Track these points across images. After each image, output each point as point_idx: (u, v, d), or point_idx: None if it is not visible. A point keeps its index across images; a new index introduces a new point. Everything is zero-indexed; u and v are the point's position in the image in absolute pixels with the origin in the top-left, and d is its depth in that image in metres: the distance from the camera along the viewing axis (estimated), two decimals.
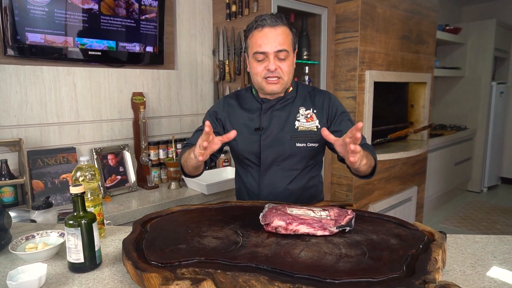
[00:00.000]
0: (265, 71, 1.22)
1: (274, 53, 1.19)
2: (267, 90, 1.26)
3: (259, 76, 1.24)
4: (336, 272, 0.76)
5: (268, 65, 1.20)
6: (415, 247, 0.87)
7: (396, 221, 1.03)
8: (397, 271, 0.76)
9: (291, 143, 1.28)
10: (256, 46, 1.21)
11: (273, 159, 1.30)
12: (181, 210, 1.15)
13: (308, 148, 1.29)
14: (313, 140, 1.29)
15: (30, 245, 1.00)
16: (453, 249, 1.02)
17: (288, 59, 1.23)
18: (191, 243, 0.90)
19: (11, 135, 1.73)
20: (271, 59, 1.20)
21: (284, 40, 1.20)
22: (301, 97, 1.33)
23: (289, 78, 1.26)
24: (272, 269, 0.77)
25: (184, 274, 0.76)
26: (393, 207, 2.90)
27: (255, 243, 0.90)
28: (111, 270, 0.93)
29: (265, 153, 1.30)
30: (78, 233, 0.89)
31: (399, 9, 2.69)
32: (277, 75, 1.22)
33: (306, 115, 1.30)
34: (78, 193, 0.91)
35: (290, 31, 1.24)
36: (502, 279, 0.86)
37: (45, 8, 1.74)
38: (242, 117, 1.34)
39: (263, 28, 1.19)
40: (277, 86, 1.24)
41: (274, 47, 1.19)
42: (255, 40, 1.21)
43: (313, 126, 1.28)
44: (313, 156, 1.32)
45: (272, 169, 1.31)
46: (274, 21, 1.20)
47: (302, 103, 1.32)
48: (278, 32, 1.19)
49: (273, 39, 1.19)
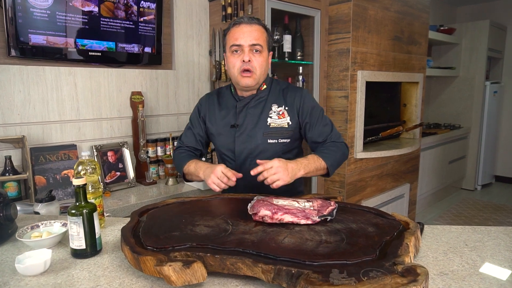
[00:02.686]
0: (241, 63, 1.30)
1: (249, 46, 1.29)
2: (242, 84, 1.34)
3: (235, 69, 1.32)
4: (315, 255, 0.83)
5: (243, 57, 1.29)
6: (390, 234, 0.94)
7: (376, 211, 1.11)
8: (371, 254, 0.84)
9: (263, 139, 1.36)
10: (233, 39, 1.31)
11: (247, 155, 1.39)
12: (176, 202, 1.22)
13: (280, 144, 1.37)
14: (284, 136, 1.37)
15: (35, 234, 1.08)
16: (429, 238, 1.10)
17: (262, 54, 1.32)
18: (184, 231, 0.97)
19: (15, 132, 1.81)
20: (246, 51, 1.29)
21: (258, 36, 1.30)
22: (274, 94, 1.40)
23: (261, 73, 1.34)
24: (257, 253, 0.85)
25: (176, 257, 0.83)
26: (385, 203, 2.98)
27: (243, 230, 0.97)
28: (110, 256, 1.00)
29: (239, 148, 1.38)
30: (80, 221, 0.96)
31: (391, 10, 2.76)
32: (250, 68, 1.30)
33: (278, 112, 1.37)
34: (80, 185, 0.98)
35: (265, 31, 1.34)
36: (471, 263, 0.94)
37: (47, 11, 1.81)
38: (221, 114, 1.43)
39: (240, 25, 1.31)
40: (250, 79, 1.32)
41: (249, 40, 1.29)
42: (232, 34, 1.31)
43: (284, 122, 1.36)
44: (285, 151, 1.40)
45: (246, 163, 1.39)
46: (250, 20, 1.32)
47: (275, 100, 1.39)
48: (254, 29, 1.30)
49: (248, 34, 1.29)
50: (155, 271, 0.81)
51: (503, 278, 0.87)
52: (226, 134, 1.41)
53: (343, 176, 2.57)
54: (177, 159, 1.48)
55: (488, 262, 0.94)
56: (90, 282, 0.87)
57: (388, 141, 3.13)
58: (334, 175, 2.60)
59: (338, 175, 2.59)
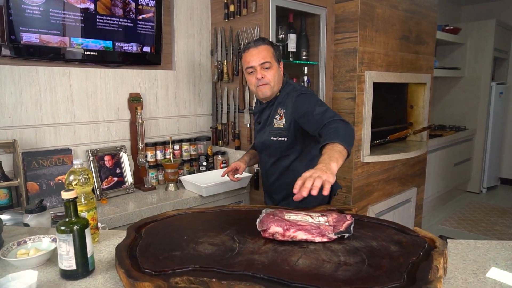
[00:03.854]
0: (256, 81, 1.53)
1: (259, 65, 1.51)
2: (260, 95, 1.57)
3: (253, 86, 1.56)
4: (335, 281, 0.74)
5: (257, 75, 1.51)
6: (415, 254, 0.85)
7: (396, 226, 1.01)
8: (398, 280, 0.74)
9: (268, 136, 1.59)
10: (246, 63, 1.54)
11: (261, 147, 1.66)
12: (177, 215, 1.12)
13: (279, 142, 1.56)
14: (281, 135, 1.55)
15: (21, 251, 0.98)
16: (454, 255, 1.01)
17: (272, 68, 1.52)
18: (186, 250, 0.88)
19: (6, 136, 1.71)
20: (258, 69, 1.51)
21: (266, 55, 1.51)
22: (281, 98, 1.58)
23: (275, 83, 1.54)
24: (269, 277, 0.75)
25: (178, 283, 0.74)
26: (392, 208, 2.88)
27: (251, 250, 0.88)
28: (104, 277, 0.91)
29: (257, 141, 1.70)
30: (70, 239, 0.87)
31: (399, 9, 2.67)
32: (264, 82, 1.52)
33: (279, 113, 1.56)
34: (70, 199, 0.88)
35: (271, 47, 1.54)
36: (505, 285, 0.84)
37: (41, 8, 1.71)
38: (258, 113, 1.72)
39: (248, 49, 1.53)
40: (266, 90, 1.54)
41: (258, 61, 1.50)
42: (244, 59, 1.55)
43: (281, 123, 1.55)
44: (285, 148, 1.56)
45: (262, 154, 1.69)
46: (256, 42, 1.53)
47: (281, 104, 1.57)
48: (260, 50, 1.51)
49: (257, 55, 1.50)
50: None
51: None
52: (256, 128, 1.74)
53: (350, 181, 2.48)
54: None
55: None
56: None
57: (395, 144, 3.04)
58: (341, 180, 2.51)
59: (345, 179, 2.50)
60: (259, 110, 1.70)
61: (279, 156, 1.59)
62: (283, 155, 1.58)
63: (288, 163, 1.59)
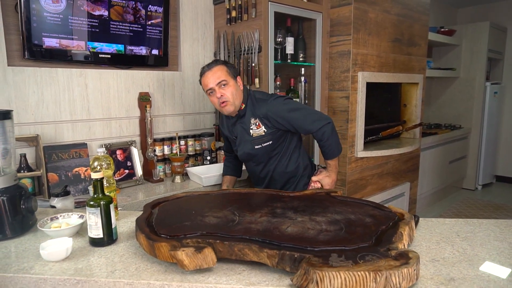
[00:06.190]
0: (217, 100, 1.66)
1: (216, 85, 1.63)
2: (225, 112, 1.71)
3: (216, 105, 1.69)
4: (316, 242, 0.91)
5: (216, 94, 1.65)
6: (385, 224, 1.02)
7: (373, 204, 1.18)
8: (367, 241, 0.91)
9: (252, 146, 1.72)
10: (205, 86, 1.68)
11: (246, 157, 1.79)
12: (185, 196, 1.30)
13: (264, 147, 1.71)
14: (265, 141, 1.70)
15: (54, 225, 1.16)
16: (423, 229, 1.17)
17: (229, 85, 1.64)
18: (194, 221, 1.05)
19: (29, 131, 1.89)
20: (216, 89, 1.64)
21: (220, 75, 1.63)
22: (249, 109, 1.72)
23: (235, 99, 1.66)
24: (263, 240, 0.92)
25: (188, 243, 0.91)
26: (386, 201, 3.04)
27: (249, 221, 1.05)
28: (125, 244, 1.08)
29: (240, 153, 1.80)
30: (98, 212, 1.04)
31: (391, 13, 2.83)
32: (224, 100, 1.64)
33: (255, 123, 1.70)
34: (98, 178, 1.06)
35: (225, 66, 1.67)
36: (461, 251, 1.01)
37: (60, 15, 1.89)
38: (227, 128, 1.86)
39: (204, 73, 1.67)
40: (228, 107, 1.66)
41: (214, 81, 1.63)
42: (203, 83, 1.68)
43: (261, 131, 1.69)
44: (272, 150, 1.73)
45: (248, 162, 1.84)
46: (210, 66, 1.67)
47: (251, 115, 1.71)
48: (214, 71, 1.64)
49: (212, 77, 1.64)
50: (169, 256, 0.88)
51: (495, 270, 0.93)
52: (233, 141, 1.85)
53: (344, 174, 2.64)
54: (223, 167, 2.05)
55: (478, 252, 1.01)
56: (108, 267, 0.94)
57: (388, 141, 3.20)
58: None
59: (339, 173, 2.66)
60: (231, 124, 1.81)
61: (267, 159, 1.77)
62: (270, 156, 1.76)
63: (276, 162, 1.77)
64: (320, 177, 1.75)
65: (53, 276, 0.90)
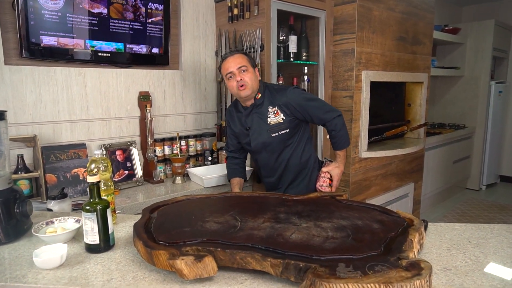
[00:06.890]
0: (236, 83, 1.71)
1: (237, 69, 1.70)
2: (241, 95, 1.73)
3: (234, 89, 1.73)
4: (322, 250, 0.86)
5: (236, 78, 1.70)
6: (394, 230, 0.97)
7: (381, 209, 1.13)
8: (376, 249, 0.86)
9: (268, 135, 1.77)
10: (225, 70, 1.74)
11: (261, 147, 1.82)
12: (186, 200, 1.25)
13: (281, 135, 1.77)
14: (282, 128, 1.75)
15: (50, 229, 1.11)
16: (433, 235, 1.13)
17: (249, 71, 1.72)
18: (194, 227, 1.00)
19: (27, 131, 1.85)
20: (236, 73, 1.70)
21: (241, 61, 1.71)
22: (267, 99, 1.78)
23: (253, 85, 1.72)
24: (266, 248, 0.88)
25: (188, 251, 0.87)
26: (390, 202, 3.00)
27: (251, 226, 1.00)
28: (123, 251, 1.04)
29: (254, 143, 1.83)
30: (94, 217, 1.00)
31: (395, 11, 2.78)
32: (243, 83, 1.70)
33: (273, 111, 1.76)
34: (94, 182, 1.02)
35: (246, 56, 1.75)
36: (474, 260, 0.96)
37: (58, 13, 1.85)
38: (238, 120, 1.89)
39: (226, 58, 1.74)
40: (246, 90, 1.72)
41: (235, 66, 1.70)
42: (223, 67, 1.75)
43: (279, 118, 1.75)
44: (288, 138, 1.79)
45: (262, 152, 1.85)
46: (232, 52, 1.76)
47: (269, 103, 1.77)
48: (236, 57, 1.73)
49: (234, 62, 1.71)
50: (167, 265, 0.84)
51: (506, 276, 0.89)
52: (244, 135, 1.86)
53: (348, 175, 2.59)
54: (227, 169, 2.01)
55: (491, 260, 0.96)
56: (104, 276, 0.90)
57: (392, 141, 3.15)
58: None
59: (344, 174, 2.61)
60: (244, 116, 1.83)
61: (282, 148, 1.81)
62: (286, 145, 1.80)
63: (291, 151, 1.82)
64: (330, 168, 1.83)
65: (46, 285, 0.86)
